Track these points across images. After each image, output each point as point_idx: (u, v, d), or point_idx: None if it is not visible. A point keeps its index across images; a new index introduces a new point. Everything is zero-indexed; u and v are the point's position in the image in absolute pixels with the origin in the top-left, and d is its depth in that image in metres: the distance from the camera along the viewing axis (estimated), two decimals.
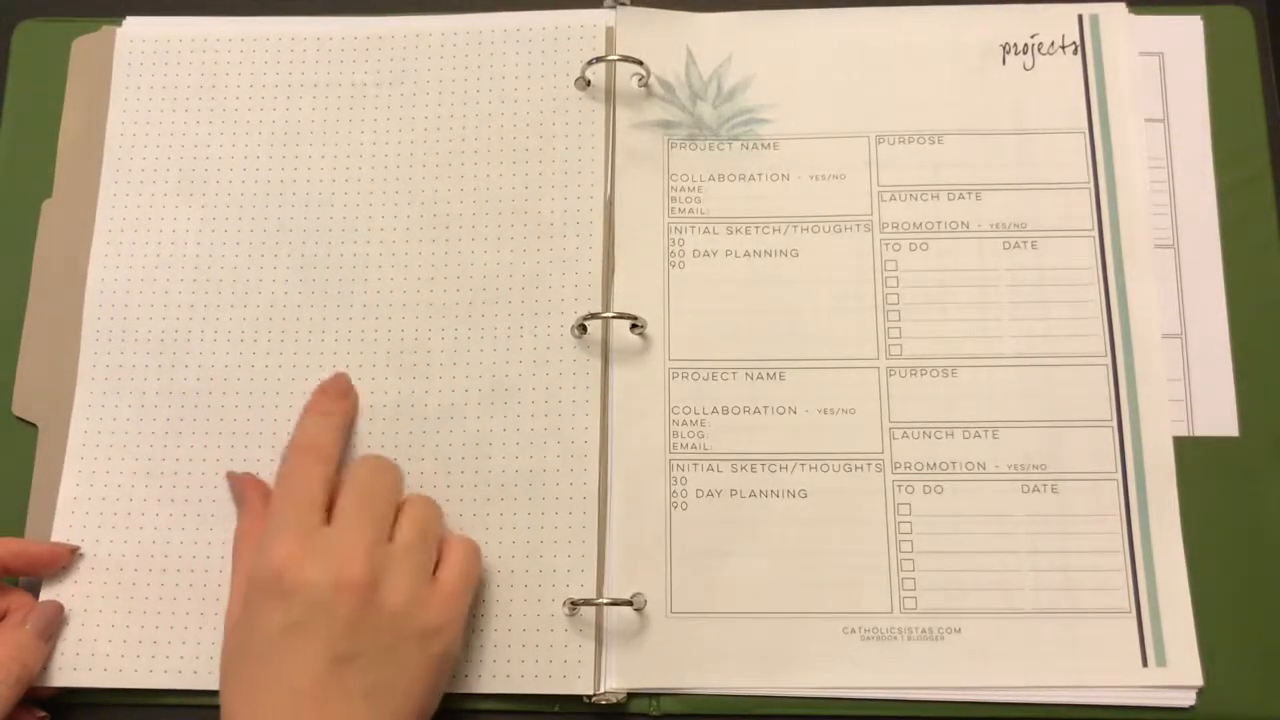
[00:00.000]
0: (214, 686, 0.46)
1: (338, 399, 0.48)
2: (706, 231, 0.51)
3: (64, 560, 0.48)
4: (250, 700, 0.41)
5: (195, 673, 0.47)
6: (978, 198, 0.51)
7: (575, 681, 0.46)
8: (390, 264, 0.51)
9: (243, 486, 0.48)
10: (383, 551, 0.43)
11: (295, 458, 0.46)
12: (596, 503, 0.48)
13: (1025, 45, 0.53)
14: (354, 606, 0.41)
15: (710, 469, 0.48)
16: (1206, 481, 0.48)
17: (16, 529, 0.49)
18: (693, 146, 0.52)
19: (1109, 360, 0.49)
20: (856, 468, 0.48)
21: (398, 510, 0.45)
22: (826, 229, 0.51)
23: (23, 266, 0.52)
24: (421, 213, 0.52)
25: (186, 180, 0.53)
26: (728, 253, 0.51)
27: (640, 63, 0.52)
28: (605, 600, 0.46)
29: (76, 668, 0.47)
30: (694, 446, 0.49)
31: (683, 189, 0.52)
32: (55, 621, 0.47)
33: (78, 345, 0.51)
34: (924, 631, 0.46)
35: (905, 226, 0.51)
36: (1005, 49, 0.53)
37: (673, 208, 0.52)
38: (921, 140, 0.52)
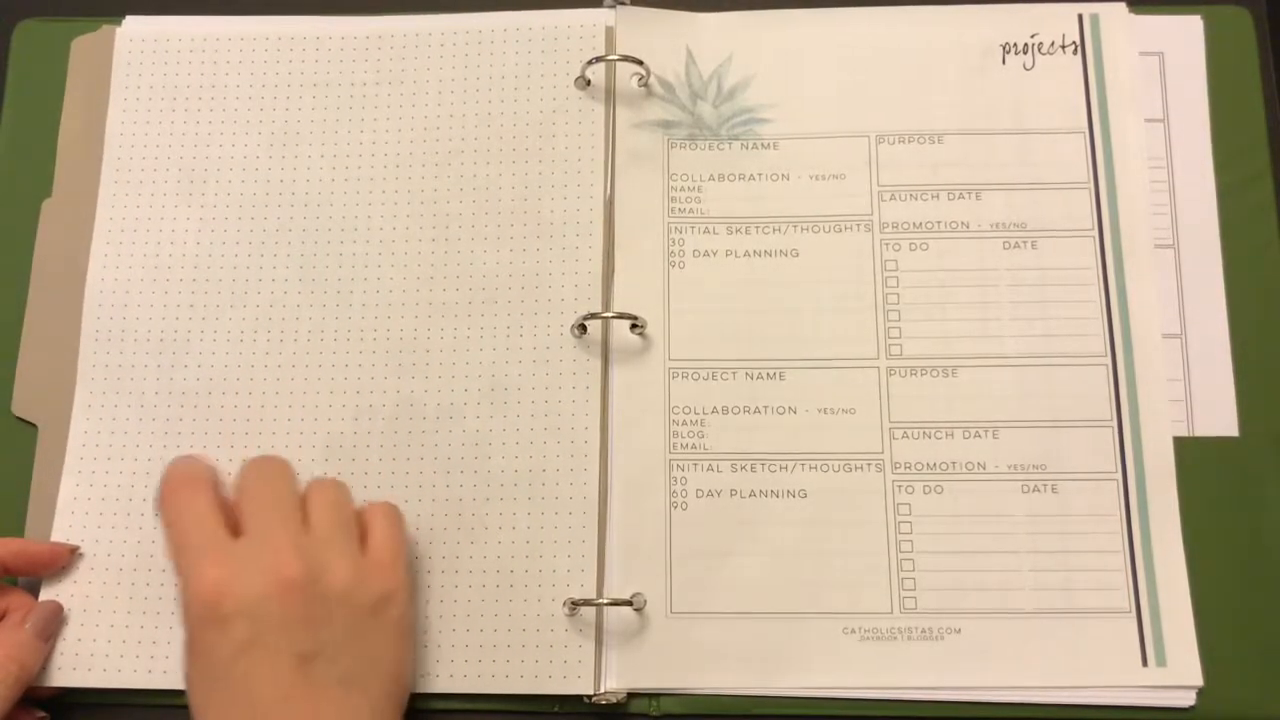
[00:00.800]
0: None
1: (194, 463, 0.45)
2: (706, 231, 0.51)
3: (64, 560, 0.48)
4: None
5: None
6: (978, 198, 0.51)
7: (575, 681, 0.46)
8: (390, 263, 0.51)
9: None
10: (307, 542, 0.42)
11: (173, 493, 0.43)
12: (596, 503, 0.48)
13: (1025, 45, 0.53)
14: (301, 604, 0.40)
15: (710, 469, 0.48)
16: (1206, 481, 0.48)
17: (16, 529, 0.49)
18: (693, 146, 0.52)
19: (1109, 360, 0.49)
20: (856, 468, 0.48)
21: (303, 499, 0.44)
22: (826, 229, 0.51)
23: (23, 266, 0.52)
24: (421, 212, 0.52)
25: (186, 180, 0.53)
26: (728, 253, 0.51)
27: (640, 62, 0.52)
28: (605, 600, 0.46)
29: (76, 668, 0.47)
30: (694, 446, 0.49)
31: (683, 189, 0.52)
32: (54, 621, 0.47)
33: (78, 345, 0.51)
34: (924, 631, 0.46)
35: (905, 226, 0.51)
36: (1005, 49, 0.53)
37: (673, 208, 0.52)
38: (921, 140, 0.52)
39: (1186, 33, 0.53)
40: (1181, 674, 0.46)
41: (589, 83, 0.52)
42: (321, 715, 0.40)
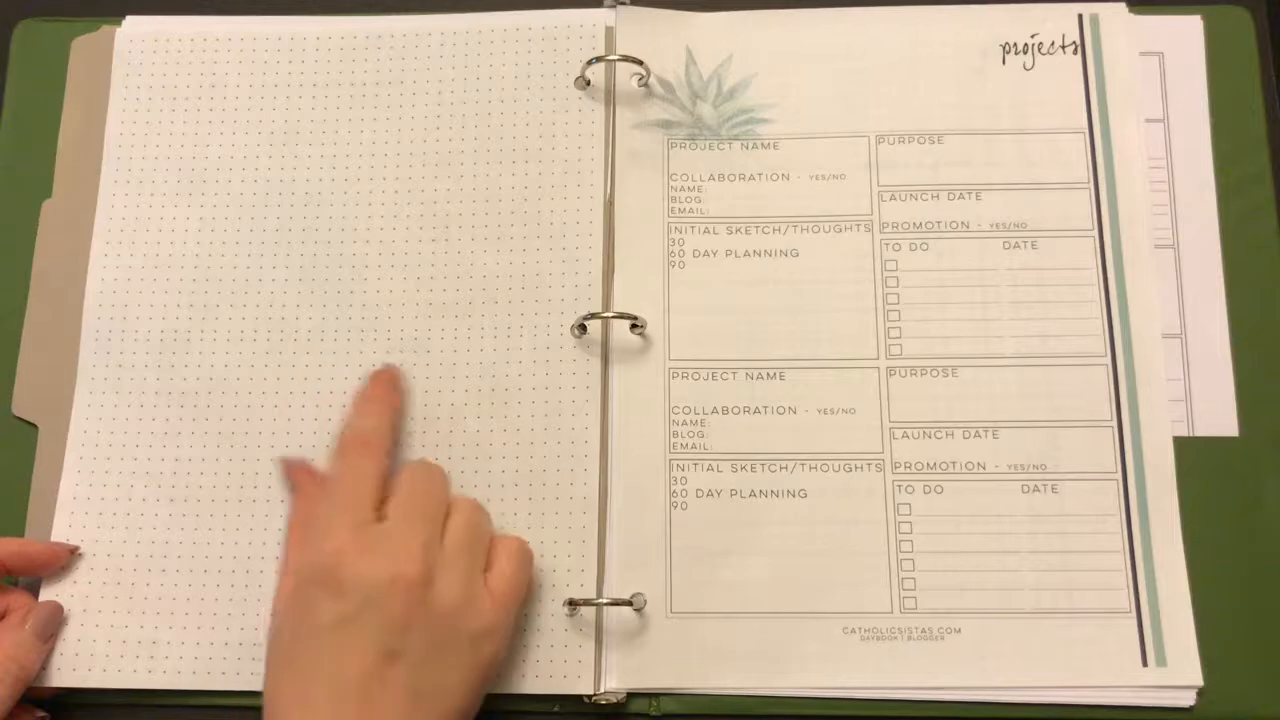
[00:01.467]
0: (213, 687, 0.47)
1: (391, 389, 0.48)
2: (706, 231, 0.51)
3: (63, 560, 0.48)
4: (298, 689, 0.40)
5: (194, 673, 0.47)
6: (978, 198, 0.51)
7: (575, 681, 0.46)
8: (390, 264, 0.51)
9: (296, 473, 0.48)
10: (436, 551, 0.43)
11: (349, 452, 0.45)
12: (596, 503, 0.48)
13: (1025, 45, 0.53)
14: (407, 604, 0.41)
15: (710, 469, 0.48)
16: (1206, 481, 0.48)
17: (16, 529, 0.49)
18: (693, 146, 0.52)
19: (1109, 360, 0.49)
20: (856, 468, 0.48)
21: (447, 512, 0.45)
22: (826, 229, 0.51)
23: (23, 266, 0.52)
24: (421, 213, 0.52)
25: (186, 180, 0.53)
26: (728, 253, 0.51)
27: (640, 62, 0.52)
28: (605, 600, 0.46)
29: (76, 668, 0.47)
30: (694, 446, 0.49)
31: (683, 189, 0.52)
32: (54, 622, 0.47)
33: (78, 345, 0.51)
34: (924, 631, 0.46)
35: (905, 226, 0.51)
36: (1005, 49, 0.53)
37: (673, 208, 0.52)
38: (921, 140, 0.52)
39: (1186, 33, 0.53)
40: (1181, 674, 0.46)
41: (589, 83, 0.52)
42: (385, 712, 0.40)
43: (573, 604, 0.46)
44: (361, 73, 0.54)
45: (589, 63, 0.52)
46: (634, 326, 0.50)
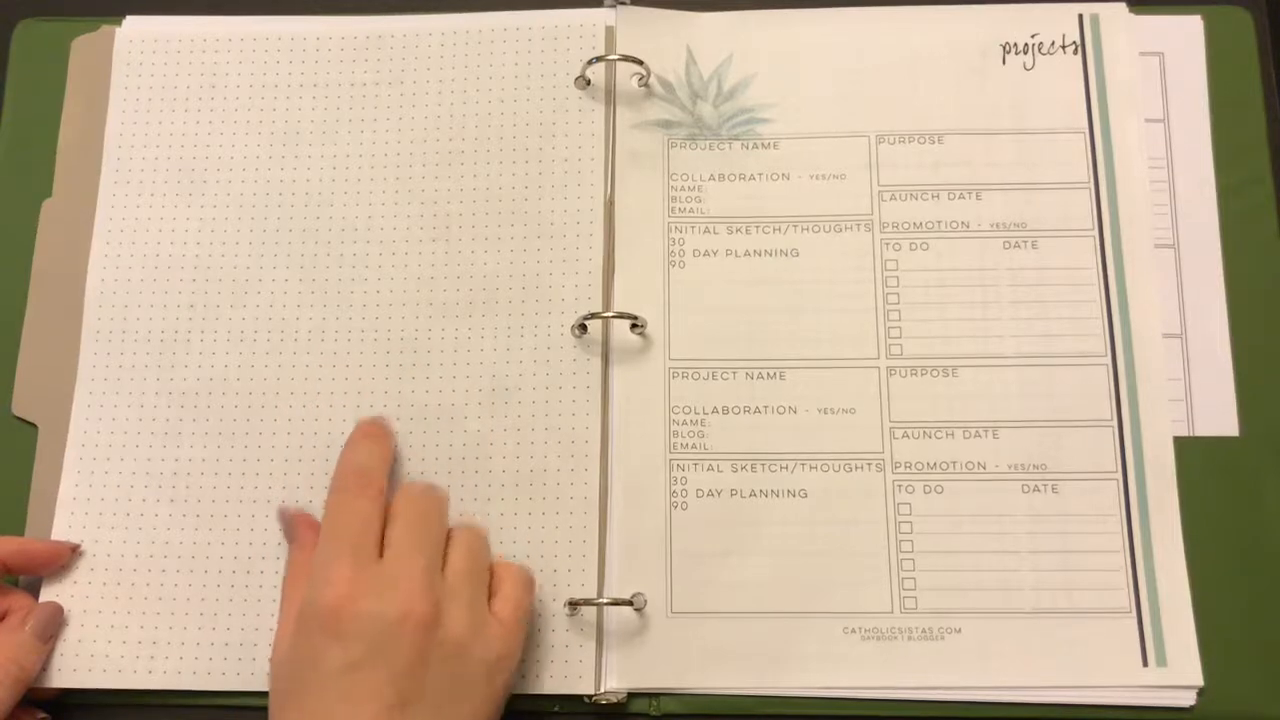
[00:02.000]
0: (213, 687, 0.47)
1: (381, 429, 0.48)
2: (707, 231, 0.51)
3: (64, 558, 0.48)
4: None
5: (194, 673, 0.47)
6: (978, 198, 0.51)
7: (575, 681, 0.46)
8: (390, 264, 0.51)
9: (294, 522, 0.47)
10: (439, 584, 0.42)
11: (347, 489, 0.44)
12: (596, 503, 0.48)
13: (1025, 45, 0.53)
14: (417, 642, 0.40)
15: (710, 469, 0.48)
16: (1206, 481, 0.48)
17: (16, 529, 0.49)
18: (693, 146, 0.52)
19: (1109, 360, 0.49)
20: (856, 467, 0.48)
21: (446, 539, 0.44)
22: (826, 229, 0.51)
23: (23, 266, 0.52)
24: (421, 213, 0.52)
25: (186, 180, 0.53)
26: (728, 252, 0.51)
27: (640, 62, 0.52)
28: (605, 600, 0.46)
29: (76, 668, 0.47)
30: (694, 446, 0.49)
31: (683, 189, 0.52)
32: (54, 623, 0.47)
33: (78, 345, 0.51)
34: (924, 631, 0.46)
35: (905, 226, 0.51)
36: (1005, 49, 0.53)
37: (673, 207, 0.52)
38: (921, 140, 0.52)
39: (1186, 33, 0.53)
40: (1182, 674, 0.46)
41: (589, 83, 0.52)
42: None
43: (573, 604, 0.46)
44: (362, 73, 0.54)
45: (589, 62, 0.52)
46: (634, 326, 0.50)
